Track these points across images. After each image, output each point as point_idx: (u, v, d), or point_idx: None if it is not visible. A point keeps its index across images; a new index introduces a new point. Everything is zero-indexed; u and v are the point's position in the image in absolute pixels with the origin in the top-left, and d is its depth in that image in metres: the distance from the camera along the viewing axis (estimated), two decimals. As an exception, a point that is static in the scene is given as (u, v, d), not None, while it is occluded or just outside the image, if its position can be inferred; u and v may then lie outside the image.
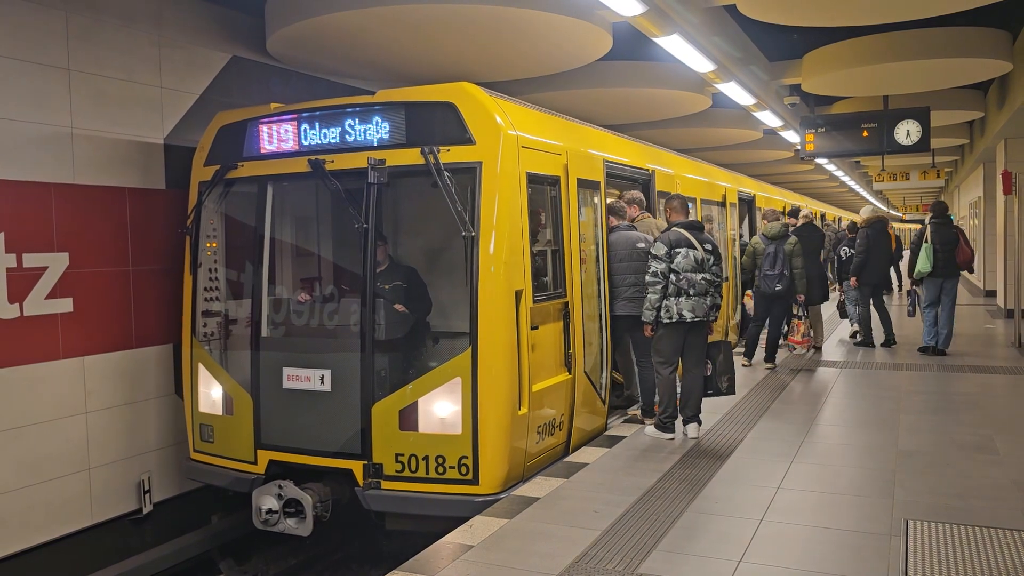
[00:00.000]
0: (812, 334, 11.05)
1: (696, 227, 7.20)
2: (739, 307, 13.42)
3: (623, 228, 7.84)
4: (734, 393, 7.38)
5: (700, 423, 7.18)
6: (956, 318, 11.38)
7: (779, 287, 10.19)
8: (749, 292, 11.07)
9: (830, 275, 15.54)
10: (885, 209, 48.46)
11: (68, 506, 6.76)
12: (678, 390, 7.25)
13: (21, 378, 6.39)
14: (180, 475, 7.55)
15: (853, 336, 12.69)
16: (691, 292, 6.91)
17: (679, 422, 7.23)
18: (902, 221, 57.37)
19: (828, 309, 14.67)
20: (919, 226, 12.80)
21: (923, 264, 10.98)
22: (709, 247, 7.11)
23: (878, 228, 12.12)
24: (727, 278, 12.67)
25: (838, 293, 14.46)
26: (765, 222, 10.72)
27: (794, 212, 13.93)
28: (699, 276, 6.95)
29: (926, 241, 11.01)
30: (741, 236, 13.80)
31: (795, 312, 10.67)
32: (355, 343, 6.18)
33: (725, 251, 12.81)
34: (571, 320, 6.76)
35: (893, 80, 11.38)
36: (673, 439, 7.13)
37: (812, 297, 11.06)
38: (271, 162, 6.73)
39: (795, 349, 11.25)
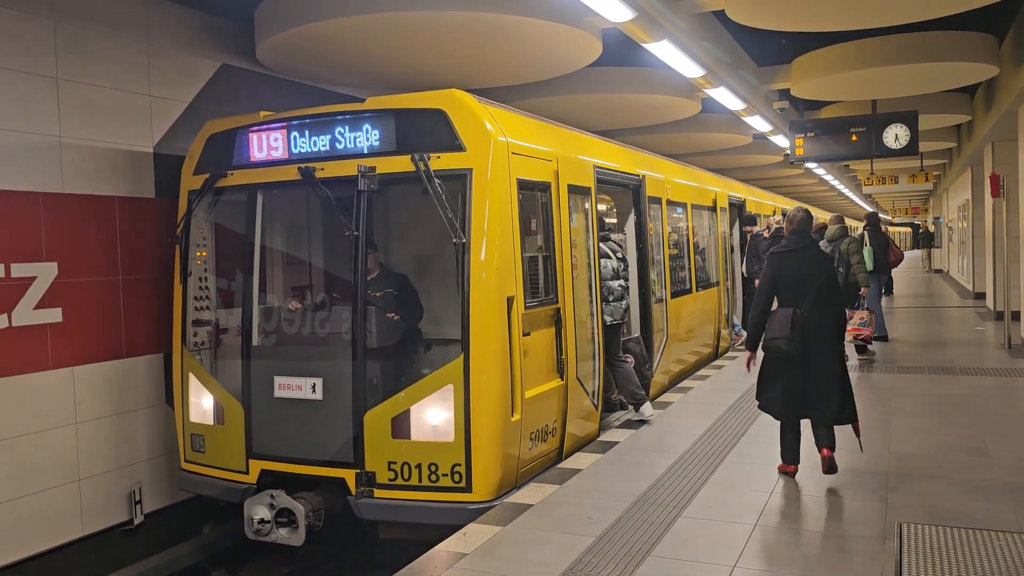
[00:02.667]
0: (870, 323, 11.11)
1: (607, 239, 8.01)
2: (731, 311, 13.46)
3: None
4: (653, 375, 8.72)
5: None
6: (946, 320, 12.03)
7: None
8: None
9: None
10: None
11: (58, 518, 6.71)
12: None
13: (10, 389, 6.34)
14: (171, 485, 7.51)
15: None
16: (610, 298, 7.67)
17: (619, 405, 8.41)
18: (891, 224, 57.63)
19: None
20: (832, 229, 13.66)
21: (868, 264, 11.98)
22: (620, 255, 7.98)
23: (820, 235, 12.87)
24: (717, 282, 12.71)
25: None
26: (828, 225, 11.58)
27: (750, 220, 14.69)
28: (616, 283, 7.75)
29: (866, 245, 12.37)
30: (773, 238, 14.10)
31: (858, 303, 11.07)
32: (346, 351, 6.16)
33: (716, 255, 12.85)
34: (563, 326, 6.75)
35: (881, 84, 11.45)
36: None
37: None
38: (261, 170, 6.71)
39: (859, 340, 11.05)
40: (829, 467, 5.89)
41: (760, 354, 6.19)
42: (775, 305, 6.15)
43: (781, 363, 5.97)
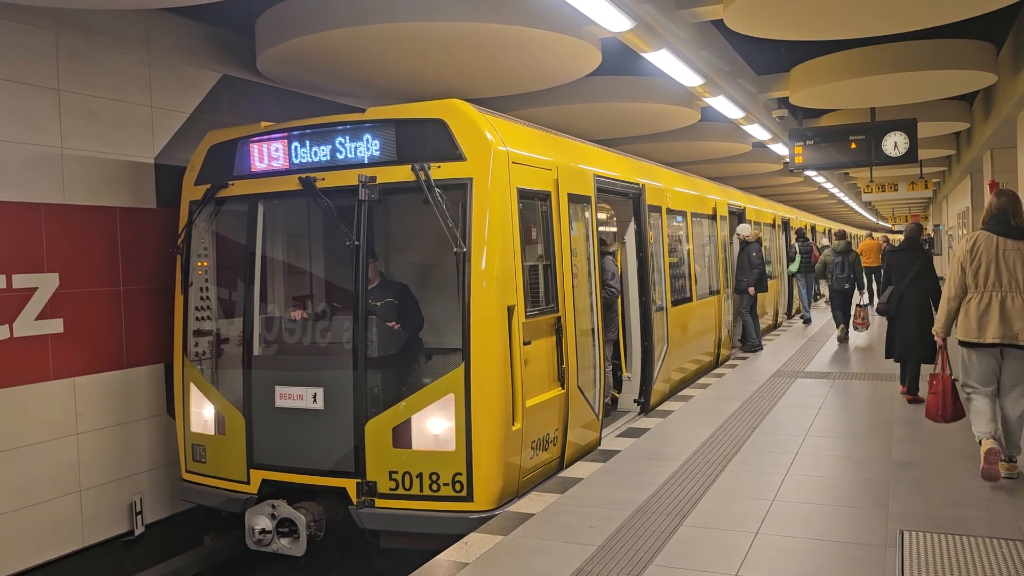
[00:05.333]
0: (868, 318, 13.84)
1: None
2: (734, 317, 13.47)
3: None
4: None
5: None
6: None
7: (847, 285, 14.29)
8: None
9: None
10: (873, 220, 48.62)
11: (59, 529, 6.70)
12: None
13: (11, 400, 6.34)
14: (172, 496, 7.50)
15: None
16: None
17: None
18: (891, 232, 57.66)
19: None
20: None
21: (793, 267, 18.47)
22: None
23: (759, 245, 13.99)
24: (718, 291, 12.72)
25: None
26: (835, 240, 15.05)
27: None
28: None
29: (798, 253, 18.28)
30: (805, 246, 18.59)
31: (857, 303, 13.85)
32: (347, 360, 6.16)
33: (716, 263, 12.85)
34: (564, 335, 6.76)
35: (880, 92, 11.48)
36: None
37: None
38: (262, 180, 6.72)
39: (859, 329, 13.81)
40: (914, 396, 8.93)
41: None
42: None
43: (891, 324, 8.97)
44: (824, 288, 19.31)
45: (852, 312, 14.04)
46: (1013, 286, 5.86)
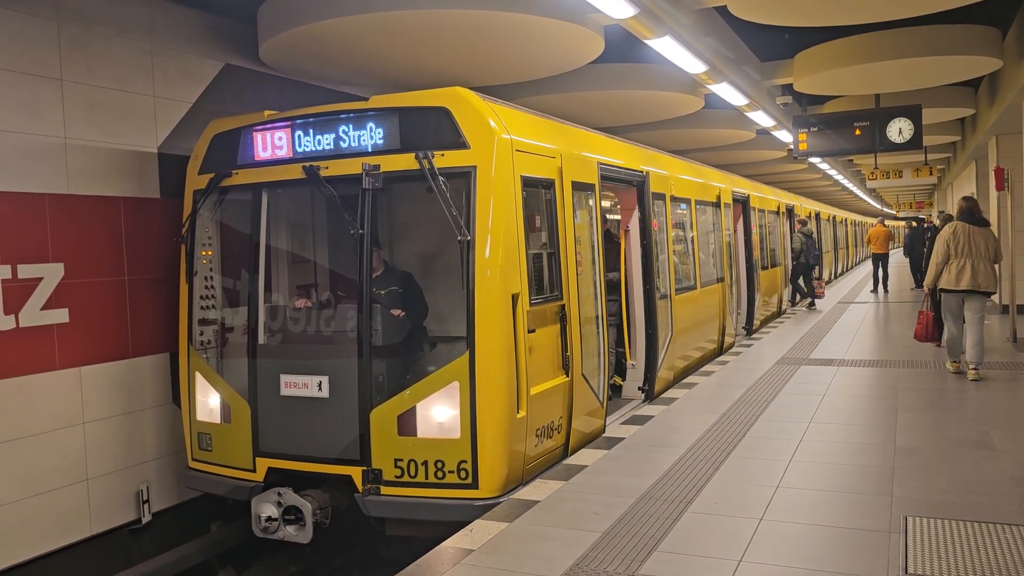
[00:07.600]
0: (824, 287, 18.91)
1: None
2: (736, 308, 13.46)
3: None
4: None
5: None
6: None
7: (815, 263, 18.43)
8: None
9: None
10: (879, 207, 48.40)
11: (66, 517, 6.74)
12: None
13: (17, 390, 6.37)
14: (179, 484, 7.54)
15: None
16: None
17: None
18: (895, 219, 57.52)
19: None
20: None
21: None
22: None
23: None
24: (721, 278, 12.71)
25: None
26: (808, 227, 18.82)
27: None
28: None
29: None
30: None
31: (816, 276, 18.70)
32: (352, 349, 6.17)
33: (720, 251, 12.84)
34: (568, 322, 6.77)
35: (884, 79, 11.43)
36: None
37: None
38: (265, 169, 6.73)
39: (820, 297, 18.78)
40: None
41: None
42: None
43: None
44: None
45: (813, 284, 18.46)
46: (978, 255, 9.18)
